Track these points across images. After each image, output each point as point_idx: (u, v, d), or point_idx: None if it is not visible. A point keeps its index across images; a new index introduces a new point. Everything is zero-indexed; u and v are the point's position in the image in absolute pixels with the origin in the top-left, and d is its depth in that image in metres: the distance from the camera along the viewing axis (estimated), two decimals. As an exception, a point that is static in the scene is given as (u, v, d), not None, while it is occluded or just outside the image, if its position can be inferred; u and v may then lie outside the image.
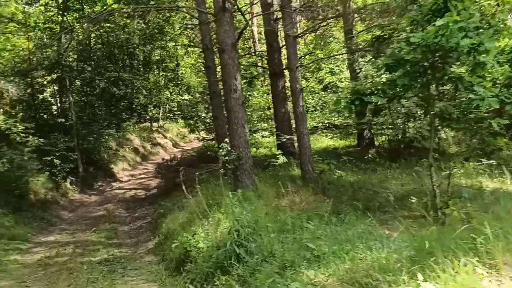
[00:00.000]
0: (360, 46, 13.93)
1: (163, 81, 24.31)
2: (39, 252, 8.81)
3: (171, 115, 27.33)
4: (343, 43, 18.85)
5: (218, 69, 12.36)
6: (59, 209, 13.03)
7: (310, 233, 5.25)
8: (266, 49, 15.77)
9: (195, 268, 5.86)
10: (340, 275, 4.07)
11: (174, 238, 7.21)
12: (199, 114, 20.23)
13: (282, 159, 11.91)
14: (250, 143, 9.69)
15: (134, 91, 20.62)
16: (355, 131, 16.83)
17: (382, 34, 8.07)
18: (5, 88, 14.44)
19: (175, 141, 25.04)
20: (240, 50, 20.96)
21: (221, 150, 8.77)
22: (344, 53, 14.40)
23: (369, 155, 13.90)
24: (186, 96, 25.32)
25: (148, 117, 24.34)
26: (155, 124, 24.67)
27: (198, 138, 18.75)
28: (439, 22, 5.04)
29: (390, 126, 12.98)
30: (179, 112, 27.52)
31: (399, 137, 13.72)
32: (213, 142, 16.35)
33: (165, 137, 24.36)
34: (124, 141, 20.26)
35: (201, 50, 26.02)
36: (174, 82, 25.58)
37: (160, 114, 25.38)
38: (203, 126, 17.78)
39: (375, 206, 6.93)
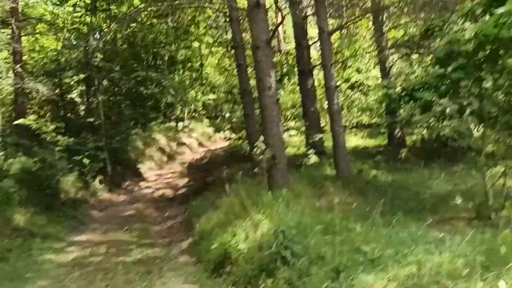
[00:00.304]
0: (392, 43, 13.54)
1: (188, 81, 24.27)
2: (73, 251, 8.74)
3: (196, 114, 27.28)
4: (372, 40, 18.41)
5: (248, 67, 12.18)
6: (89, 208, 13.03)
7: (360, 235, 4.98)
8: (294, 47, 15.54)
9: (237, 270, 5.66)
10: (401, 281, 3.80)
11: (211, 239, 7.02)
12: (223, 114, 20.05)
13: (314, 158, 11.65)
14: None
15: (160, 89, 20.58)
16: (385, 130, 16.37)
17: (432, 26, 7.71)
18: (35, 88, 14.55)
19: (200, 141, 24.95)
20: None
21: (255, 149, 8.55)
22: (377, 49, 14.02)
23: (402, 155, 13.50)
24: (211, 96, 25.25)
25: (173, 117, 24.33)
26: (180, 124, 24.64)
27: (225, 138, 18.54)
28: (500, 10, 4.72)
29: (425, 125, 12.52)
30: (204, 112, 27.48)
31: (433, 136, 13.26)
32: (240, 141, 16.16)
33: (191, 137, 24.31)
34: (150, 141, 20.28)
35: (225, 49, 26.10)
36: (199, 82, 25.52)
37: (186, 114, 25.34)
38: (229, 126, 17.58)
39: (424, 208, 6.61)
